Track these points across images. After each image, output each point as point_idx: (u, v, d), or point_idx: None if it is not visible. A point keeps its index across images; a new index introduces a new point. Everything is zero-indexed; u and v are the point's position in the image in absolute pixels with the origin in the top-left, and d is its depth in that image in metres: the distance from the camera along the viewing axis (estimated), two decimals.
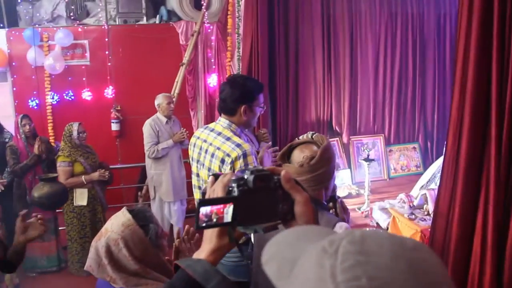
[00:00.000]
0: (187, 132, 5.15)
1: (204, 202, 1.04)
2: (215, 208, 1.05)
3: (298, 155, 1.90)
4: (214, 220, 1.05)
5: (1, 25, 6.32)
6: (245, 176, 1.10)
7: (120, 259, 1.69)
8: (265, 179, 1.11)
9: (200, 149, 2.77)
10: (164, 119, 5.06)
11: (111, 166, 5.18)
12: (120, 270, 1.69)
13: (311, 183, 1.86)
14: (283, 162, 1.96)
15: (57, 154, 4.78)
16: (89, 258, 1.78)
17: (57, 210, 4.98)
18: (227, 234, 1.13)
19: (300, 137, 1.98)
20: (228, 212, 1.05)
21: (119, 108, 6.43)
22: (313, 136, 1.94)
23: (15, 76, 6.34)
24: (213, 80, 6.26)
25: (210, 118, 6.18)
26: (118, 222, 1.73)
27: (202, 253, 1.09)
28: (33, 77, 6.31)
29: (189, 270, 1.06)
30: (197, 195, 2.89)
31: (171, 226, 5.22)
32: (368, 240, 0.60)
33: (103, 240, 1.71)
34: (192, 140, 2.91)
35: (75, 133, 4.71)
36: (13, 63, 6.31)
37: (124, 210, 1.78)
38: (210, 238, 1.10)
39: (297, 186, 1.13)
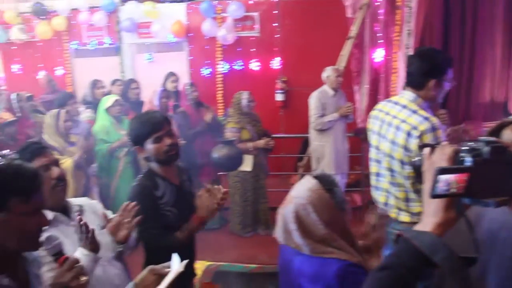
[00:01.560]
0: (354, 106, 5.10)
1: (444, 170, 1.02)
2: (455, 177, 1.02)
3: (509, 134, 1.76)
4: (453, 189, 1.02)
5: None
6: (479, 147, 1.06)
7: (309, 224, 1.70)
8: (501, 151, 1.05)
9: (382, 122, 2.72)
10: (331, 92, 5.06)
11: (273, 135, 5.35)
12: (307, 236, 1.71)
13: None
14: None
15: (227, 120, 5.06)
16: (276, 226, 1.82)
17: (218, 173, 5.31)
18: (454, 207, 1.09)
19: None
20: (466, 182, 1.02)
21: (285, 79, 6.60)
22: None
23: (191, 46, 6.83)
24: (379, 55, 6.07)
25: (374, 94, 6.04)
26: (304, 188, 1.75)
27: (426, 226, 1.06)
28: (207, 47, 6.74)
29: (415, 241, 1.04)
30: (373, 169, 2.84)
31: None
32: None
33: (291, 206, 1.74)
34: (373, 112, 2.86)
35: (244, 101, 4.93)
36: (190, 34, 6.78)
37: (308, 177, 1.80)
38: (435, 211, 1.06)
39: None
